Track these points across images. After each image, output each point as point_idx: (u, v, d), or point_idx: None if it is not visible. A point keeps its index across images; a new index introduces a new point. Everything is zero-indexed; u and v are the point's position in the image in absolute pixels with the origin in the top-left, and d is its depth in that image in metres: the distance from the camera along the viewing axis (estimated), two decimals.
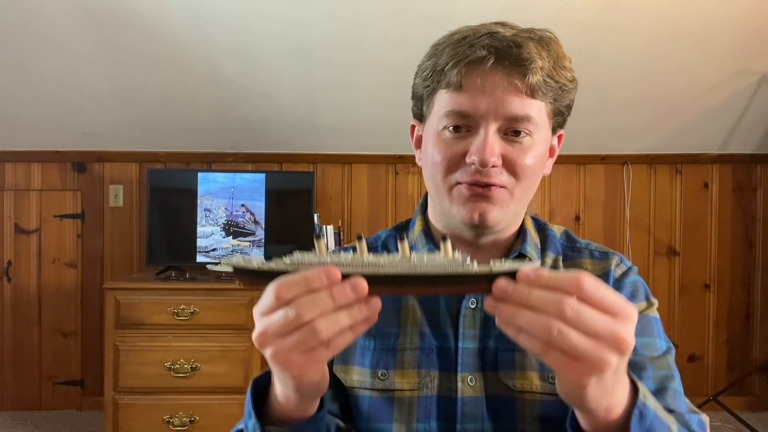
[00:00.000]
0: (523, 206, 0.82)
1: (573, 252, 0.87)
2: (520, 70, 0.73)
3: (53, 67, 2.68)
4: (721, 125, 3.08)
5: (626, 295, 0.81)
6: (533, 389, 0.77)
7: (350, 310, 0.54)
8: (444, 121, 0.77)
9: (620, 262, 0.85)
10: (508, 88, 0.73)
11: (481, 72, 0.74)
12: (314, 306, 0.53)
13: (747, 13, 2.49)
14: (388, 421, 0.78)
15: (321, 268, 0.54)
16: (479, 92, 0.74)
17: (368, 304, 0.55)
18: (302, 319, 0.53)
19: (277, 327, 0.54)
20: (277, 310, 0.54)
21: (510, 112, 0.74)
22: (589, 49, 2.63)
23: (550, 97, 0.76)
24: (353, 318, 0.54)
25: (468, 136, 0.76)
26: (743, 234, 3.28)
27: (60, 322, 3.18)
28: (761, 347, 3.27)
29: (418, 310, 0.82)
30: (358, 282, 0.54)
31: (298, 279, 0.54)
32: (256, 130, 3.05)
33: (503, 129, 0.75)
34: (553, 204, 3.25)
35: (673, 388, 0.76)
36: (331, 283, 0.53)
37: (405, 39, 2.48)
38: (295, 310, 0.53)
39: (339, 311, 0.54)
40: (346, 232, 3.15)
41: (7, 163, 3.15)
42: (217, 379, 2.57)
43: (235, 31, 2.53)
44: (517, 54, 0.73)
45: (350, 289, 0.53)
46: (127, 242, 3.18)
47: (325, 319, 0.53)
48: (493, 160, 0.73)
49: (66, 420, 3.06)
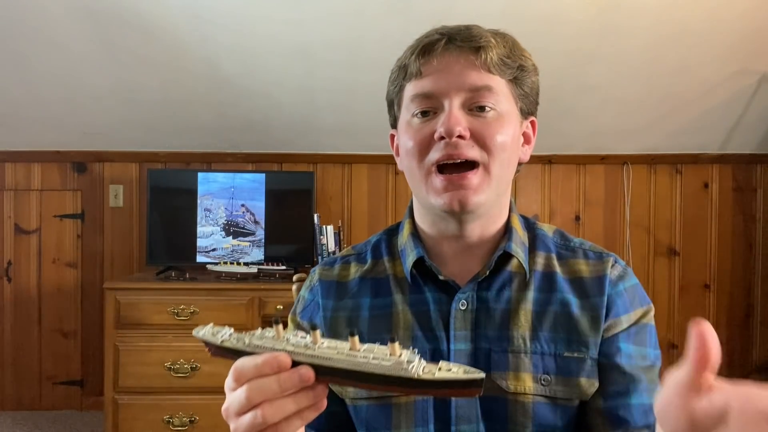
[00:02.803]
0: (504, 188, 0.82)
1: (567, 251, 0.86)
2: (471, 45, 0.77)
3: (53, 67, 2.68)
4: (721, 125, 3.08)
5: (625, 303, 0.81)
6: (526, 390, 0.77)
7: (296, 397, 0.57)
8: (411, 107, 0.80)
9: (615, 263, 0.84)
10: (465, 64, 0.77)
11: (436, 54, 0.78)
12: (261, 391, 0.56)
13: (747, 13, 2.49)
14: (388, 428, 0.79)
15: (272, 354, 0.57)
16: (438, 72, 0.78)
17: (314, 391, 0.57)
18: (251, 402, 0.56)
19: (235, 406, 0.58)
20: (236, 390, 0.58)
21: (469, 83, 0.76)
22: (589, 49, 2.63)
23: (508, 74, 0.79)
24: (299, 404, 0.57)
25: (435, 118, 0.78)
26: (743, 234, 3.28)
27: (60, 322, 3.18)
28: (761, 347, 3.27)
29: (409, 314, 0.82)
30: (305, 372, 0.56)
31: (250, 363, 0.57)
32: (256, 130, 3.05)
33: (467, 104, 0.77)
34: (553, 204, 3.25)
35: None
36: (280, 370, 0.57)
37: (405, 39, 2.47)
38: (246, 393, 0.57)
39: (285, 398, 0.57)
40: (346, 232, 3.15)
41: (7, 163, 3.15)
42: (217, 379, 2.57)
43: (235, 31, 2.53)
44: (468, 33, 0.78)
45: (297, 378, 0.56)
46: (127, 242, 3.18)
47: (270, 405, 0.56)
48: (458, 129, 0.75)
49: (66, 420, 3.06)
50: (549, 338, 0.79)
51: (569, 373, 0.78)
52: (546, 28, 2.48)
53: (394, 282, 0.85)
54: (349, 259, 0.90)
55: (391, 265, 0.86)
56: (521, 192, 3.23)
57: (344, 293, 0.86)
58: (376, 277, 0.86)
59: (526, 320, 0.79)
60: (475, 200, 0.77)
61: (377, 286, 0.85)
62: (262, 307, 2.59)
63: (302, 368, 0.56)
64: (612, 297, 0.81)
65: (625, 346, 0.79)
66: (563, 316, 0.80)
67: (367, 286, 0.86)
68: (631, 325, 0.80)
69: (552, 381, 0.77)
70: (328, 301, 0.86)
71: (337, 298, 0.86)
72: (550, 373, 0.77)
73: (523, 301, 0.80)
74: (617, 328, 0.79)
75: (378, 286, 0.85)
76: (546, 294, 0.81)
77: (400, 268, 0.86)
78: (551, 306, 0.80)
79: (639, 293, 0.83)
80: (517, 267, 0.82)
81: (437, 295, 0.82)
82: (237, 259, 2.89)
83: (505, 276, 0.82)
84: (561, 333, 0.79)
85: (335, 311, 0.85)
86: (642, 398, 0.77)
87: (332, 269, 0.89)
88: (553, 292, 0.81)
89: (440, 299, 0.81)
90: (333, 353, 0.57)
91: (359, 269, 0.88)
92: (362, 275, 0.87)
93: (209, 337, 0.63)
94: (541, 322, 0.79)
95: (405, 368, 0.54)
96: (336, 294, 0.86)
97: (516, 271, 0.82)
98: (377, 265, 0.87)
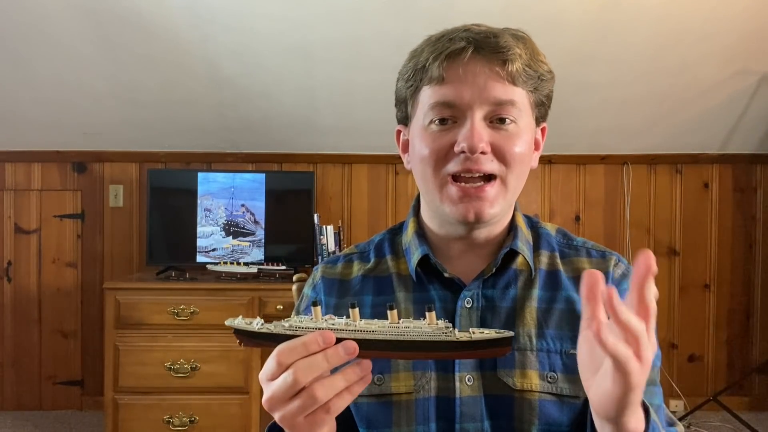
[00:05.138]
0: (515, 197, 0.83)
1: (570, 250, 0.87)
2: (499, 57, 0.75)
3: (53, 66, 2.68)
4: (721, 125, 3.07)
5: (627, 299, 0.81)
6: (532, 388, 0.77)
7: (345, 373, 0.58)
8: (430, 114, 0.78)
9: (618, 261, 0.85)
10: (490, 75, 0.75)
11: (462, 62, 0.75)
12: (310, 370, 0.57)
13: (747, 12, 2.49)
14: (388, 425, 0.79)
15: (318, 332, 0.58)
16: (462, 82, 0.75)
17: (361, 365, 0.59)
18: (299, 384, 0.57)
19: (280, 393, 0.58)
20: (279, 376, 0.57)
21: (494, 97, 0.75)
22: (589, 49, 2.63)
23: (530, 85, 0.78)
24: (348, 380, 0.58)
25: (455, 128, 0.77)
26: (743, 234, 3.28)
27: (60, 322, 3.18)
28: (761, 347, 3.27)
29: (412, 312, 0.82)
30: (349, 343, 0.58)
31: (296, 344, 0.58)
32: (256, 130, 3.05)
33: (489, 116, 0.76)
34: (553, 204, 3.25)
35: (656, 404, 0.77)
36: (328, 346, 0.57)
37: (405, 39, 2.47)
38: (294, 375, 0.57)
39: (335, 375, 0.58)
40: (346, 232, 3.15)
41: (7, 163, 3.15)
42: (217, 379, 2.57)
43: (235, 31, 2.53)
44: (495, 43, 0.75)
45: (343, 351, 0.57)
46: (127, 242, 3.18)
47: (322, 385, 0.57)
48: (481, 145, 0.74)
49: (66, 420, 3.06)
50: (555, 336, 0.79)
51: (575, 371, 0.77)
52: (546, 28, 2.48)
53: (398, 280, 0.85)
54: (351, 257, 0.90)
55: (394, 264, 0.87)
56: (521, 192, 3.22)
57: (346, 291, 0.86)
58: (379, 275, 0.87)
59: (532, 318, 0.80)
60: (490, 212, 0.77)
61: (380, 284, 0.86)
62: (262, 307, 2.59)
63: (346, 342, 0.58)
64: None
65: None
66: (568, 313, 0.80)
67: (370, 285, 0.86)
68: None
69: (558, 378, 0.77)
70: (330, 298, 0.86)
71: (339, 296, 0.86)
72: (556, 370, 0.78)
73: (528, 299, 0.81)
74: None
75: (380, 284, 0.86)
76: (551, 292, 0.82)
77: (404, 267, 0.86)
78: (556, 304, 0.81)
79: None
80: (523, 265, 0.83)
81: (442, 292, 0.82)
82: (237, 259, 2.89)
83: (511, 274, 0.82)
84: (566, 330, 0.79)
85: (337, 309, 0.85)
86: None
87: (335, 267, 0.90)
88: (557, 290, 0.82)
89: (445, 297, 0.82)
90: (375, 327, 0.60)
91: (362, 267, 0.88)
92: (365, 273, 0.87)
93: (244, 326, 0.62)
94: (546, 320, 0.80)
95: (447, 333, 0.60)
96: (338, 292, 0.87)
97: (521, 269, 0.83)
98: (380, 264, 0.88)
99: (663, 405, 0.79)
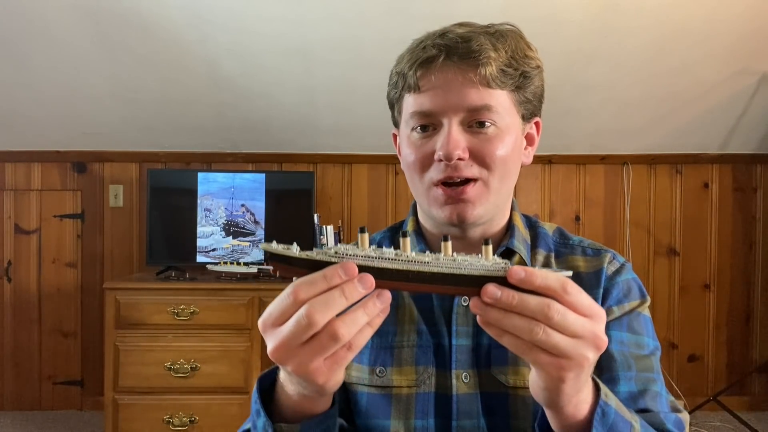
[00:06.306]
0: (504, 197, 0.83)
1: (565, 248, 0.87)
2: (470, 63, 0.75)
3: (53, 66, 2.68)
4: (721, 125, 3.08)
5: (618, 295, 0.82)
6: (525, 385, 0.77)
7: (366, 306, 0.54)
8: (411, 122, 0.79)
9: (613, 258, 0.85)
10: (463, 81, 0.75)
11: (435, 70, 0.76)
12: (327, 308, 0.52)
13: (747, 13, 2.49)
14: (386, 417, 0.79)
15: (338, 264, 0.54)
16: (436, 90, 0.76)
17: (380, 297, 0.55)
18: (316, 325, 0.52)
19: (293, 336, 0.53)
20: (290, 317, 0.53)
21: (468, 103, 0.75)
22: (589, 49, 2.63)
23: (510, 85, 0.77)
24: (370, 314, 0.54)
25: (435, 134, 0.77)
26: (743, 234, 3.28)
27: (60, 322, 3.18)
28: (761, 347, 3.27)
29: (414, 309, 0.82)
30: (367, 277, 0.54)
31: (316, 277, 0.53)
32: (256, 130, 3.05)
33: (466, 122, 0.76)
34: (553, 204, 3.25)
35: (654, 390, 0.77)
36: (351, 278, 0.53)
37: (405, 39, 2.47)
38: (308, 316, 0.52)
39: (356, 310, 0.54)
40: (346, 232, 3.15)
41: (7, 163, 3.15)
42: (217, 379, 2.57)
43: (235, 31, 2.53)
44: (466, 48, 0.74)
45: (361, 285, 0.53)
46: (127, 242, 3.18)
47: (344, 322, 0.53)
48: (457, 153, 0.74)
49: (66, 420, 3.06)
50: None
51: None
52: (546, 28, 2.48)
53: None
54: None
55: None
56: (521, 192, 3.23)
57: None
58: None
59: None
60: (473, 213, 0.78)
61: None
62: (262, 307, 2.59)
63: (362, 275, 0.54)
64: (608, 289, 0.82)
65: (617, 333, 0.79)
66: None
67: None
68: (624, 315, 0.81)
69: None
70: None
71: None
72: None
73: None
74: (609, 317, 0.79)
75: None
76: None
77: None
78: None
79: (635, 286, 0.84)
80: (519, 263, 0.83)
81: None
82: (237, 259, 2.89)
83: None
84: None
85: None
86: (630, 386, 0.76)
87: None
88: None
89: (443, 296, 0.82)
90: (429, 258, 0.57)
91: None
92: None
93: (281, 251, 0.57)
94: None
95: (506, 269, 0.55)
96: None
97: None
98: None
99: (664, 393, 0.78)
